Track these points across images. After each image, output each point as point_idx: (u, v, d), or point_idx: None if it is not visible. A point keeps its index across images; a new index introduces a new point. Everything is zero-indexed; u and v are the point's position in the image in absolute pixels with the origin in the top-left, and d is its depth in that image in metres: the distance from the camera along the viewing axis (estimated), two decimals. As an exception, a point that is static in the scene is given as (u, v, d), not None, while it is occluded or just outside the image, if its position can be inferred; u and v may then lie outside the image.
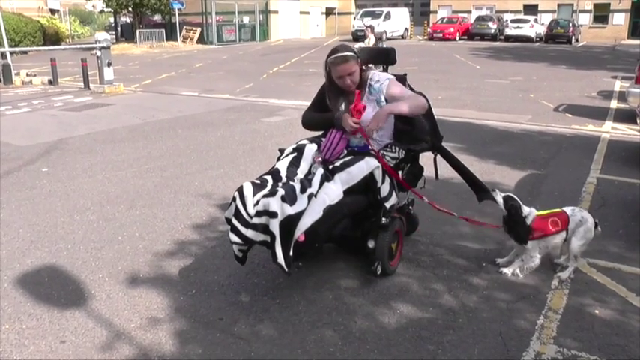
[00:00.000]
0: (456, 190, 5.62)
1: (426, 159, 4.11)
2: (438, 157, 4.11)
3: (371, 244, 3.60)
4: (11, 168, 6.56)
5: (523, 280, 3.73)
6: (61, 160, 6.94)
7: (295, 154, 3.56)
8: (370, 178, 3.45)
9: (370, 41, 18.68)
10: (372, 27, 20.01)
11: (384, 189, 3.52)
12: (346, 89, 3.60)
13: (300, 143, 3.66)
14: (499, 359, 2.90)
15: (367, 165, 3.42)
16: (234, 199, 3.24)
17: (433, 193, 5.31)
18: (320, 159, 3.48)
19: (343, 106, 3.66)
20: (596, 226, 3.82)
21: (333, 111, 3.69)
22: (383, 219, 3.60)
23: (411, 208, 4.18)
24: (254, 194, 3.19)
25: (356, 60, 3.56)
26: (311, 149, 3.57)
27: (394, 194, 3.62)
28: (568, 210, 3.81)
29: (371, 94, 3.63)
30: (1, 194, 5.55)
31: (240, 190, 3.23)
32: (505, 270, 3.78)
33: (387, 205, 3.56)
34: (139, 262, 4.03)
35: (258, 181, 3.34)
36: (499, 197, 3.76)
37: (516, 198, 3.81)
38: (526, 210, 3.76)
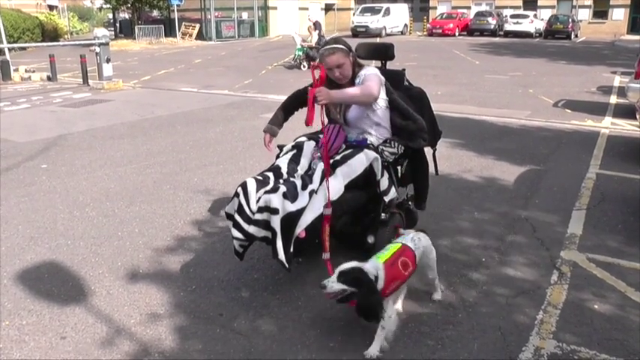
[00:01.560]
0: (455, 186, 5.63)
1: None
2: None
3: (370, 239, 3.61)
4: (10, 164, 6.56)
5: (522, 276, 3.73)
6: (60, 157, 6.93)
7: (295, 150, 3.58)
8: (369, 171, 3.45)
9: (313, 39, 17.50)
10: (317, 22, 18.21)
11: (383, 182, 3.53)
12: (337, 82, 3.61)
13: (298, 140, 3.68)
14: (498, 354, 2.90)
15: (366, 156, 3.42)
16: (237, 195, 3.24)
17: (432, 188, 5.32)
18: (319, 154, 3.48)
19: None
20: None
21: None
22: (382, 214, 3.61)
23: (410, 203, 4.18)
24: (257, 190, 3.19)
25: (345, 53, 3.59)
26: (310, 146, 3.58)
27: (393, 188, 3.62)
28: (408, 242, 3.12)
29: None
30: (1, 191, 5.55)
31: (243, 186, 3.23)
32: (369, 352, 2.83)
33: (387, 198, 3.56)
34: (138, 258, 4.03)
35: (260, 177, 3.34)
36: (331, 283, 2.82)
37: (355, 266, 2.85)
38: (373, 268, 2.85)
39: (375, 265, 2.87)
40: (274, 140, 3.88)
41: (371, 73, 3.61)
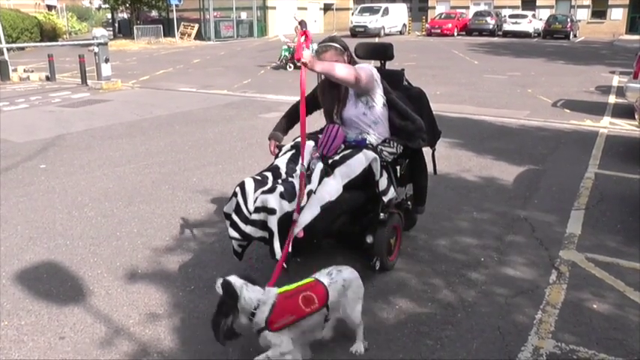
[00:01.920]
0: (454, 186, 5.63)
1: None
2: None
3: (369, 239, 3.60)
4: (9, 165, 6.55)
5: (521, 276, 3.74)
6: (58, 157, 6.93)
7: (294, 150, 3.58)
8: (368, 171, 3.45)
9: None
10: (302, 22, 17.42)
11: (382, 182, 3.52)
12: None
13: (297, 140, 3.67)
14: (497, 354, 2.90)
15: (365, 157, 3.42)
16: (235, 194, 3.24)
17: (431, 188, 5.32)
18: (318, 154, 3.48)
19: (331, 101, 3.73)
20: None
21: (323, 104, 3.80)
22: (381, 214, 3.60)
23: (409, 203, 4.18)
24: (255, 190, 3.19)
25: (338, 52, 3.61)
26: (309, 146, 3.57)
27: (392, 188, 3.62)
28: (324, 278, 2.84)
29: None
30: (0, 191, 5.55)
31: (241, 186, 3.23)
32: None
33: (386, 198, 3.56)
34: (137, 258, 4.02)
35: (259, 177, 3.34)
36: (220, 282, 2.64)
37: (228, 279, 2.66)
38: (261, 294, 2.65)
39: (267, 293, 2.64)
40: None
41: (363, 66, 3.61)
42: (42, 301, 3.41)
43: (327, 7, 42.92)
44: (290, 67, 16.33)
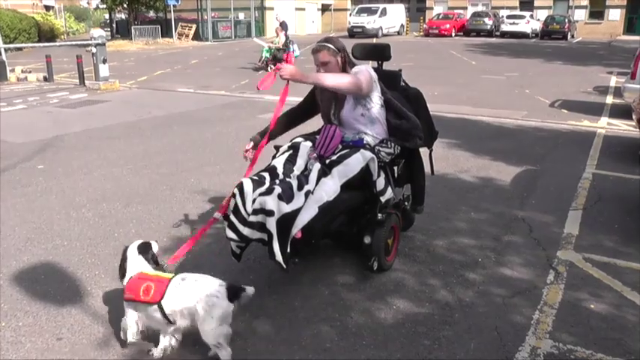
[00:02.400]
0: (452, 186, 5.64)
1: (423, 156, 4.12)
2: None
3: (367, 239, 3.60)
4: (6, 165, 6.54)
5: (519, 276, 3.74)
6: (56, 157, 6.92)
7: (291, 151, 3.58)
8: (366, 171, 3.45)
9: (280, 40, 16.65)
10: (283, 23, 17.09)
11: (380, 183, 3.53)
12: None
13: (295, 141, 3.68)
14: (495, 354, 2.91)
15: (363, 156, 3.42)
16: (233, 195, 3.24)
17: (429, 188, 5.32)
18: (315, 155, 3.49)
19: (329, 101, 3.74)
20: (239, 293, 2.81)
21: (320, 104, 3.80)
22: (379, 215, 3.60)
23: (407, 203, 4.19)
24: (253, 191, 3.19)
25: (332, 52, 3.60)
26: (306, 146, 3.58)
27: (389, 188, 3.62)
28: (176, 279, 2.76)
29: None
30: (-3, 192, 5.54)
31: (240, 187, 3.23)
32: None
33: (383, 199, 3.57)
34: (135, 259, 4.02)
35: (256, 178, 3.34)
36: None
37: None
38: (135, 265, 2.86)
39: (137, 266, 2.86)
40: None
41: (362, 69, 3.60)
42: (40, 302, 3.41)
43: (324, 8, 42.94)
44: (271, 67, 15.89)
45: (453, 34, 34.23)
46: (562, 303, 3.40)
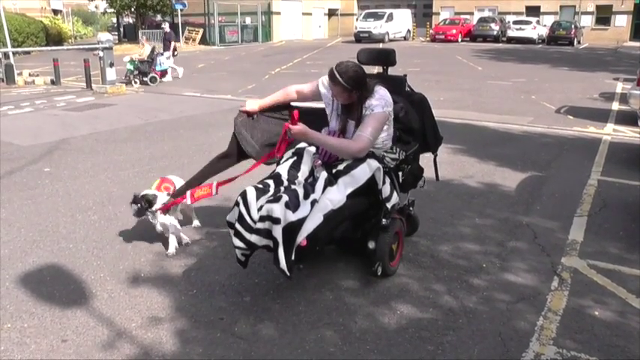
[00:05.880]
0: (456, 191, 5.63)
1: (426, 160, 4.13)
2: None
3: (371, 245, 3.60)
4: (13, 168, 6.59)
5: (523, 282, 3.74)
6: (63, 160, 6.96)
7: (295, 157, 3.57)
8: (371, 180, 3.45)
9: (145, 52, 15.27)
10: (170, 33, 16.50)
11: (385, 190, 3.53)
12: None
13: (298, 147, 3.65)
14: (498, 360, 2.91)
15: (369, 167, 3.40)
16: (237, 204, 3.25)
17: (434, 193, 5.33)
18: (320, 162, 3.48)
19: (334, 114, 3.66)
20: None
21: (325, 108, 3.73)
22: (383, 220, 3.60)
23: (411, 209, 4.19)
24: (257, 199, 3.20)
25: (346, 90, 3.38)
26: (310, 152, 3.57)
27: (395, 194, 3.62)
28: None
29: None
30: (4, 194, 5.57)
31: (243, 195, 3.24)
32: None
33: (389, 205, 3.56)
34: (140, 261, 4.04)
35: (260, 186, 3.35)
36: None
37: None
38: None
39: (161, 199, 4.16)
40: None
41: (377, 112, 3.40)
42: (45, 304, 3.43)
43: (331, 13, 43.02)
44: (136, 82, 14.76)
45: (460, 40, 34.21)
46: (566, 309, 3.39)
